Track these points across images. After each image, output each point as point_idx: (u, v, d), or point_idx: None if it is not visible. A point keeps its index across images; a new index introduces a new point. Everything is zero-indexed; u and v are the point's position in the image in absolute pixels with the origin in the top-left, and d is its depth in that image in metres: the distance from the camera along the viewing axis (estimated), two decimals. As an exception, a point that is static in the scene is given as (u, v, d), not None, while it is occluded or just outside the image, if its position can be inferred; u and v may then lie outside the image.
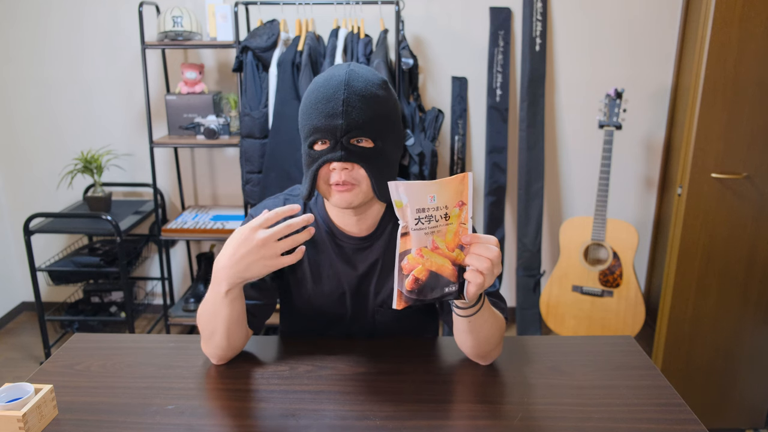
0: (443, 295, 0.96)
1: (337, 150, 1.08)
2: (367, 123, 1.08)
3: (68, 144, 3.02)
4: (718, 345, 2.31)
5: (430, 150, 2.57)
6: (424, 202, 0.91)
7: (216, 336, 1.14)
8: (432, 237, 0.93)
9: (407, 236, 0.92)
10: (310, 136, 1.10)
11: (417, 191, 0.90)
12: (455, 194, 0.93)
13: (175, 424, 1.02)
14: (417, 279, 0.93)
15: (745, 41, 2.02)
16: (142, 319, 3.26)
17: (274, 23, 2.55)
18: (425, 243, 0.93)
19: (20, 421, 0.96)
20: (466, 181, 0.93)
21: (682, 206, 2.19)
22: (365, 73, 1.11)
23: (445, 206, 0.92)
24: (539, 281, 2.95)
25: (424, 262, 0.93)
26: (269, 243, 1.01)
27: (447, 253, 0.94)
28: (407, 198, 0.90)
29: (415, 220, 0.91)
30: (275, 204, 1.25)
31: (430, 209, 0.92)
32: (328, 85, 1.09)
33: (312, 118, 1.09)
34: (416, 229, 0.92)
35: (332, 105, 1.07)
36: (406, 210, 0.91)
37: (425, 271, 0.93)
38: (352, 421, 1.02)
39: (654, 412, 1.05)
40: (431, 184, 0.91)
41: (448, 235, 0.94)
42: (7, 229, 3.18)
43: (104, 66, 2.92)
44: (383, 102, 1.11)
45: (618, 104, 2.51)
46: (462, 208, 0.93)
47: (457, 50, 2.85)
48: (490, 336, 1.12)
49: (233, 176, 3.05)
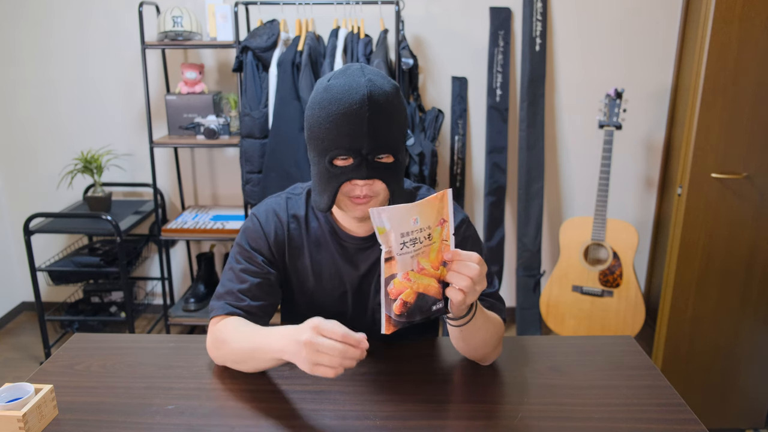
0: (431, 313, 0.96)
1: (362, 168, 1.06)
2: (391, 140, 1.07)
3: (68, 144, 3.02)
4: (718, 345, 2.31)
5: (430, 150, 2.57)
6: (407, 226, 0.89)
7: (238, 365, 1.15)
8: (417, 259, 0.92)
9: (391, 261, 0.90)
10: (331, 151, 1.07)
11: (400, 216, 0.89)
12: (437, 213, 0.92)
13: (175, 424, 1.02)
14: (405, 303, 0.92)
15: (745, 41, 2.02)
16: (142, 319, 3.26)
17: (274, 23, 2.55)
18: (411, 266, 0.92)
19: (20, 421, 0.96)
20: (445, 198, 0.92)
21: (682, 206, 2.19)
22: (383, 84, 1.08)
23: (428, 226, 0.91)
24: (539, 281, 2.95)
25: (411, 285, 0.92)
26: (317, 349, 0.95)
27: (432, 272, 0.94)
28: (390, 224, 0.88)
29: (400, 245, 0.89)
30: (277, 203, 1.25)
31: (414, 232, 0.90)
32: (350, 100, 1.04)
33: (332, 133, 1.06)
34: (402, 253, 0.90)
35: (357, 124, 1.04)
36: (390, 235, 0.89)
37: (413, 294, 0.93)
38: (352, 421, 1.02)
39: (654, 412, 1.05)
40: (413, 207, 0.89)
41: (432, 254, 0.93)
42: (7, 229, 3.18)
43: (104, 66, 2.92)
44: (400, 112, 1.10)
45: (618, 104, 2.51)
46: (443, 225, 0.93)
47: (457, 50, 2.85)
48: (485, 341, 1.13)
49: (233, 176, 3.05)
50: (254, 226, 1.23)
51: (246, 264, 1.20)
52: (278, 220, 1.23)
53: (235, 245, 1.23)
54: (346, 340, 0.92)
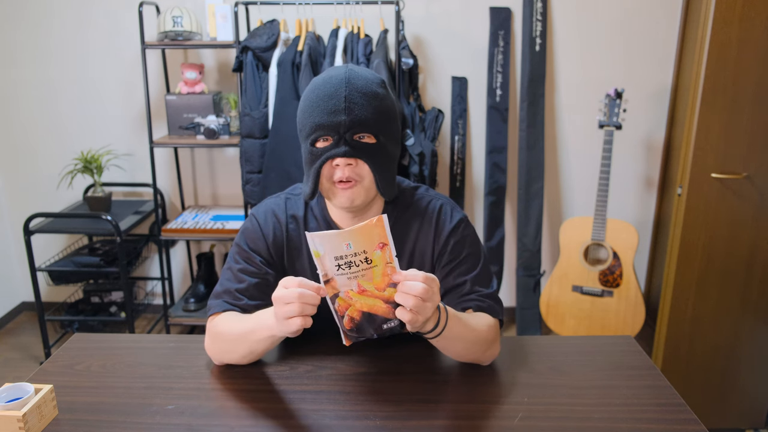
0: (384, 331, 0.98)
1: (340, 146, 1.08)
2: (369, 119, 1.09)
3: (68, 144, 3.02)
4: (718, 345, 2.31)
5: (430, 150, 2.57)
6: (340, 250, 0.93)
7: (233, 354, 1.16)
8: (357, 281, 0.95)
9: (331, 282, 0.95)
10: (312, 134, 1.10)
11: (332, 241, 0.92)
12: (372, 238, 0.94)
13: (175, 424, 1.02)
14: (352, 318, 0.97)
15: (745, 41, 2.02)
16: (142, 319, 3.26)
17: (274, 23, 2.55)
18: (351, 286, 0.95)
19: (20, 421, 0.96)
20: (381, 223, 0.93)
21: (682, 206, 2.19)
22: (364, 73, 1.13)
23: (363, 251, 0.94)
24: (539, 281, 2.95)
25: (353, 303, 0.96)
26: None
27: (376, 293, 0.96)
28: (323, 248, 0.93)
29: (336, 267, 0.94)
30: (276, 203, 1.25)
31: (348, 256, 0.93)
32: (329, 84, 1.10)
33: (314, 116, 1.10)
34: (339, 274, 0.94)
35: (334, 102, 1.08)
36: (325, 259, 0.93)
37: (357, 311, 0.96)
38: (352, 421, 1.02)
39: (654, 412, 1.05)
40: (345, 234, 0.92)
41: (375, 277, 0.95)
42: (7, 229, 3.18)
43: (104, 66, 2.92)
44: (383, 99, 1.12)
45: (618, 104, 2.51)
46: (384, 248, 0.94)
47: (457, 50, 2.85)
48: (466, 349, 1.13)
49: (233, 176, 3.05)
50: (253, 226, 1.23)
51: (244, 264, 1.20)
52: (277, 221, 1.23)
53: (234, 245, 1.24)
54: (302, 285, 0.96)
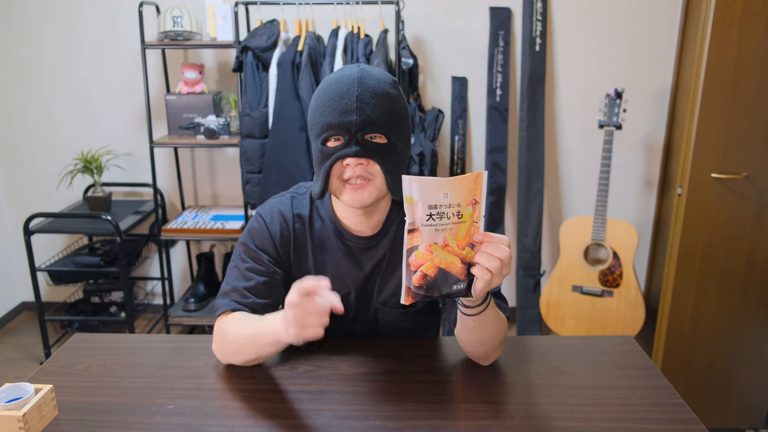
0: (451, 292, 0.95)
1: (351, 145, 1.08)
2: (381, 119, 1.09)
3: (68, 144, 3.02)
4: (718, 345, 2.31)
5: (430, 150, 2.57)
6: (436, 199, 0.90)
7: (240, 356, 1.16)
8: (443, 234, 0.92)
9: (415, 232, 0.91)
10: (324, 133, 1.10)
11: (430, 187, 0.89)
12: (469, 193, 0.91)
13: (175, 424, 1.02)
14: (426, 275, 0.93)
15: (745, 41, 2.02)
16: (142, 319, 3.26)
17: (274, 23, 2.55)
18: (435, 239, 0.92)
19: (20, 421, 0.96)
20: (480, 179, 0.92)
21: (682, 206, 2.19)
22: (376, 73, 1.13)
23: (458, 204, 0.91)
24: (539, 281, 2.94)
25: (432, 258, 0.92)
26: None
27: (457, 251, 0.93)
28: (419, 194, 0.89)
29: (427, 216, 0.90)
30: (282, 202, 1.25)
31: (443, 206, 0.90)
32: (341, 83, 1.10)
33: (325, 115, 1.10)
34: (427, 225, 0.90)
35: (346, 101, 1.08)
36: (417, 206, 0.89)
37: (434, 267, 0.93)
38: (352, 421, 1.02)
39: (654, 412, 1.05)
40: (445, 182, 0.90)
41: (460, 233, 0.93)
42: (7, 229, 3.18)
43: (104, 66, 2.92)
44: (395, 99, 1.12)
45: (618, 104, 2.51)
46: (475, 206, 0.92)
47: (457, 50, 2.85)
48: (493, 336, 1.12)
49: (233, 176, 3.05)
50: (260, 226, 1.23)
51: (252, 263, 1.20)
52: (283, 220, 1.23)
53: (240, 245, 1.23)
54: (320, 294, 0.92)
